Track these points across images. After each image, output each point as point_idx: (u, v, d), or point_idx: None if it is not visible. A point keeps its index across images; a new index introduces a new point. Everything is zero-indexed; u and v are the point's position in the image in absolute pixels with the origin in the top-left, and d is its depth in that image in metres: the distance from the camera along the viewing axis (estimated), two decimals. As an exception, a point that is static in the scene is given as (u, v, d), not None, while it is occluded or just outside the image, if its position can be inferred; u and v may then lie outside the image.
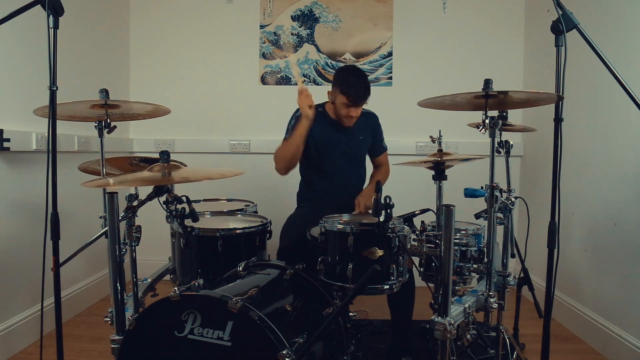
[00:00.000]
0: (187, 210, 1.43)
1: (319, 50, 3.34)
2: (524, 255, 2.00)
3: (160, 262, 2.11)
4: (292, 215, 2.33)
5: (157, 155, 1.44)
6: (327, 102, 2.39)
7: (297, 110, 2.36)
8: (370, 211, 1.69)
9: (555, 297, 2.31)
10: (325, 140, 2.32)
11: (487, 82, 1.47)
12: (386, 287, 1.56)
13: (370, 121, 2.43)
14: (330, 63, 3.33)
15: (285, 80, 3.36)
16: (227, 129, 3.38)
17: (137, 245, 1.46)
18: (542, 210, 2.56)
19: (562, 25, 1.43)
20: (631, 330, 2.07)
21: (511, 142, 1.90)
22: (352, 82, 2.17)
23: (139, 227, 1.45)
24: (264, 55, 3.36)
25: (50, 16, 1.35)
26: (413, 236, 1.68)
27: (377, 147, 2.47)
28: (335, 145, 2.33)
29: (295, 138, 2.17)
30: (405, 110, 2.94)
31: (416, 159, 2.12)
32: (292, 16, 3.33)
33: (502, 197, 1.67)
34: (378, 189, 1.50)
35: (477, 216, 1.77)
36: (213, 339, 1.25)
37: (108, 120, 1.69)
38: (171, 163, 1.38)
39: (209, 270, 1.75)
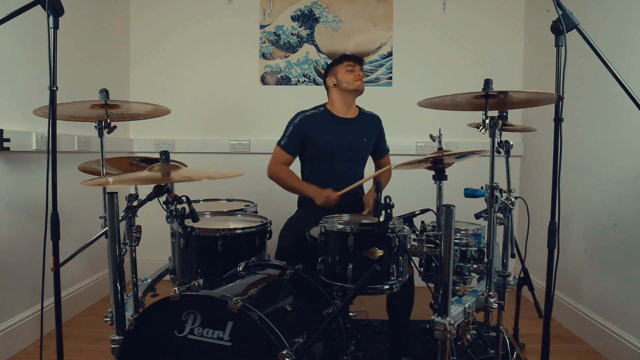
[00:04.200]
0: (187, 210, 1.43)
1: (319, 50, 3.34)
2: (524, 255, 2.00)
3: (160, 262, 2.12)
4: (292, 217, 2.33)
5: (157, 155, 1.44)
6: (327, 102, 2.38)
7: (296, 116, 2.36)
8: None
9: (555, 297, 2.32)
10: (328, 141, 2.31)
11: (487, 82, 1.47)
12: (386, 287, 1.56)
13: (374, 123, 2.44)
14: (330, 63, 3.33)
15: (285, 80, 3.36)
16: (227, 129, 3.38)
17: (137, 245, 1.46)
18: (542, 210, 2.57)
19: (562, 25, 1.43)
20: (631, 330, 2.07)
21: (511, 142, 1.90)
22: (344, 54, 2.41)
23: (139, 227, 1.45)
24: (264, 55, 3.36)
25: (50, 16, 1.35)
26: (413, 236, 1.68)
27: (380, 149, 2.47)
28: (338, 145, 2.31)
29: (296, 188, 2.30)
30: (405, 110, 2.95)
31: (415, 159, 2.12)
32: (292, 16, 3.33)
33: (502, 197, 1.67)
34: (378, 189, 1.50)
35: (477, 216, 1.77)
36: (213, 339, 1.26)
37: (108, 120, 1.68)
38: (171, 163, 1.38)
39: (209, 270, 1.75)
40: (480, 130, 1.54)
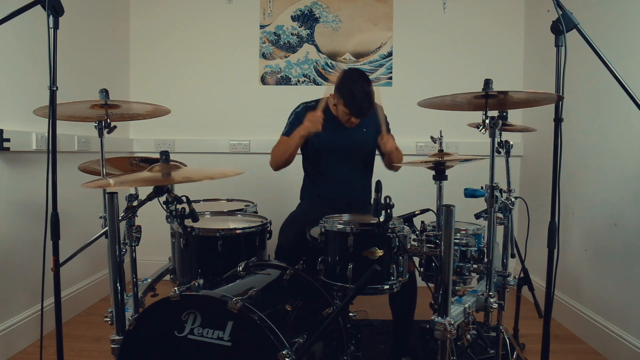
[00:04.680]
0: (187, 210, 1.43)
1: (319, 50, 3.34)
2: (524, 255, 2.00)
3: (160, 262, 2.12)
4: (293, 212, 2.33)
5: (157, 155, 1.44)
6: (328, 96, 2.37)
7: (299, 105, 2.35)
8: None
9: (555, 297, 2.31)
10: (327, 138, 2.30)
11: (487, 82, 1.47)
12: (386, 287, 1.56)
13: (375, 112, 2.36)
14: (330, 63, 3.33)
15: (285, 80, 3.36)
16: (227, 129, 3.38)
17: (137, 245, 1.46)
18: (542, 210, 2.56)
19: (562, 25, 1.43)
20: (631, 330, 2.07)
21: (511, 142, 1.90)
22: (356, 94, 2.09)
23: (139, 227, 1.45)
24: (264, 55, 3.36)
25: (50, 16, 1.35)
26: (413, 236, 1.68)
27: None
28: (338, 141, 2.30)
29: (291, 143, 2.19)
30: (405, 110, 2.94)
31: (416, 159, 2.12)
32: (292, 16, 3.33)
33: (502, 197, 1.67)
34: (378, 189, 1.50)
35: (477, 216, 1.77)
36: (213, 339, 1.26)
37: (108, 120, 1.68)
38: (171, 163, 1.38)
39: (209, 270, 1.75)
40: (480, 130, 1.54)
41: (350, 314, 1.73)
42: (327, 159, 2.32)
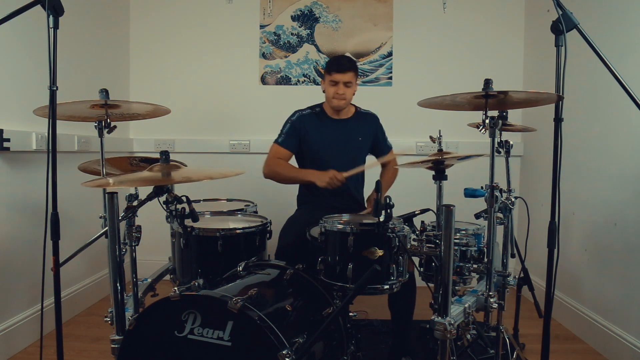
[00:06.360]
0: (187, 210, 1.43)
1: (319, 50, 3.34)
2: (524, 255, 2.00)
3: (160, 262, 2.12)
4: (291, 216, 2.33)
5: (157, 155, 1.44)
6: (324, 102, 2.38)
7: (293, 114, 2.37)
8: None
9: (555, 297, 2.31)
10: (323, 141, 2.32)
11: (487, 82, 1.47)
12: (386, 287, 1.56)
13: (371, 122, 2.43)
14: (330, 63, 3.32)
15: (285, 80, 3.36)
16: (227, 129, 3.38)
17: (137, 245, 1.46)
18: (542, 210, 2.56)
19: (562, 25, 1.43)
20: (631, 330, 2.07)
21: (511, 142, 1.90)
22: (336, 57, 2.35)
23: (139, 227, 1.45)
24: (264, 55, 3.36)
25: (50, 16, 1.35)
26: (413, 236, 1.68)
27: (381, 148, 2.47)
28: (333, 146, 2.32)
29: (296, 179, 2.28)
30: (405, 110, 2.95)
31: (416, 159, 2.12)
32: (292, 16, 3.33)
33: (502, 197, 1.67)
34: (378, 189, 1.50)
35: (477, 216, 1.77)
36: (213, 339, 1.25)
37: (108, 120, 1.68)
38: (171, 163, 1.38)
39: (209, 270, 1.75)
40: (480, 130, 1.54)
41: (350, 314, 1.73)
42: (323, 164, 2.32)
